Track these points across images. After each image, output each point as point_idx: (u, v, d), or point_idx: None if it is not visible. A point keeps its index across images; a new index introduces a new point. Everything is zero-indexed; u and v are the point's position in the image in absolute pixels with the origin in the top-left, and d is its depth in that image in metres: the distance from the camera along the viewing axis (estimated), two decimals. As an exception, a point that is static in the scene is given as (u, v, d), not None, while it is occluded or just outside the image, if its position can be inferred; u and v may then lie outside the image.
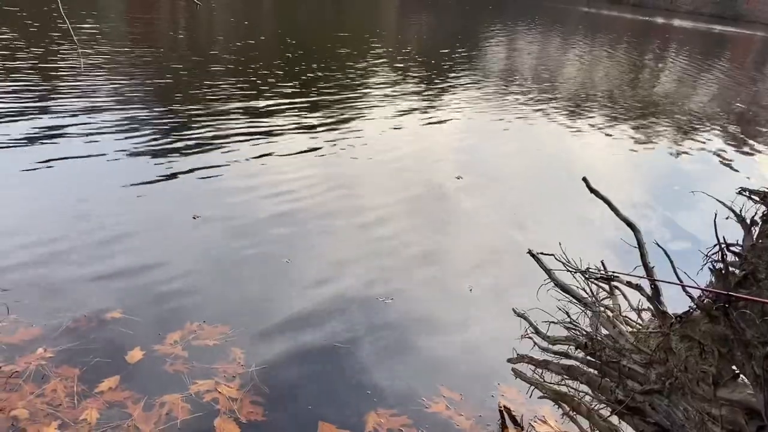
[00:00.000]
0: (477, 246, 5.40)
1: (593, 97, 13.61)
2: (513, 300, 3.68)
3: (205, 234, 4.86)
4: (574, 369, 2.71)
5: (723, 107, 14.84)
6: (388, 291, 4.37)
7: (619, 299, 2.82)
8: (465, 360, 3.80)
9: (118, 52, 11.26)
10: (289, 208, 5.56)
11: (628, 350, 2.42)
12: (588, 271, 2.68)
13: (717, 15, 60.53)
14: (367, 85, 11.49)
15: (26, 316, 3.52)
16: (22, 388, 3.00)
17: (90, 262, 4.23)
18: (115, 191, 5.39)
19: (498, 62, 17.48)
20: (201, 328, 3.65)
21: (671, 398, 2.17)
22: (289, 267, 4.53)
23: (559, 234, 3.88)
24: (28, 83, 8.34)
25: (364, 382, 3.42)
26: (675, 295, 2.38)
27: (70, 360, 3.23)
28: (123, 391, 3.07)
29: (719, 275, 2.01)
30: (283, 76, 11.08)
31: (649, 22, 45.54)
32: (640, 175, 8.43)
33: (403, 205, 6.03)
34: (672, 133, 11.13)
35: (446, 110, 10.31)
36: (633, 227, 2.57)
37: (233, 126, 7.71)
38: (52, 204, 5.06)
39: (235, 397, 3.13)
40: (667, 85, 17.84)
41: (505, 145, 8.96)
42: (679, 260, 2.28)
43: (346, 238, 5.21)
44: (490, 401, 3.42)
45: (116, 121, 7.26)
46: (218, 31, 16.59)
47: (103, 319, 3.61)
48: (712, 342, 2.01)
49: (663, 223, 6.47)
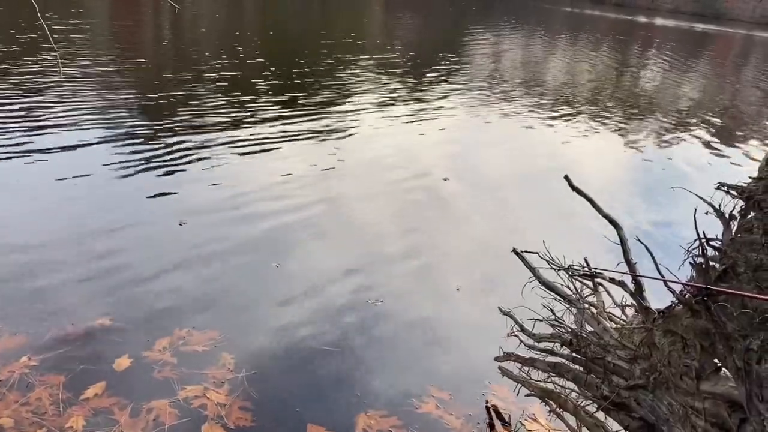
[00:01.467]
0: (463, 246, 5.43)
1: (578, 97, 13.71)
2: (499, 299, 3.70)
3: (193, 241, 4.83)
4: (560, 366, 2.73)
5: (706, 104, 15.01)
6: (377, 293, 4.37)
7: (602, 296, 2.85)
8: (453, 359, 3.81)
9: (102, 58, 11.19)
10: (278, 213, 5.54)
11: (612, 346, 2.44)
12: (571, 269, 2.70)
13: (698, 13, 61.23)
14: (352, 90, 11.49)
15: (10, 325, 3.48)
16: (6, 397, 2.96)
17: (76, 269, 4.19)
18: (101, 199, 5.35)
19: (483, 63, 17.55)
20: (190, 334, 3.63)
21: (655, 393, 2.19)
22: (279, 272, 4.52)
23: (544, 233, 3.91)
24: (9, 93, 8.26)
25: (353, 385, 3.43)
26: (658, 290, 2.40)
27: (55, 368, 3.20)
28: (109, 397, 3.04)
29: (700, 270, 2.03)
30: (268, 83, 11.06)
31: (631, 22, 45.92)
32: (622, 173, 8.51)
33: (390, 207, 6.05)
34: (655, 130, 11.24)
35: (432, 112, 10.33)
36: (615, 224, 2.59)
37: (218, 133, 7.67)
38: (36, 212, 5.02)
39: (224, 402, 3.11)
40: (651, 83, 18.01)
41: (491, 145, 9.00)
42: (661, 256, 2.30)
43: (334, 242, 5.21)
44: (480, 400, 3.44)
45: (102, 128, 7.21)
46: (201, 38, 16.50)
47: (91, 326, 3.58)
48: (694, 336, 2.03)
49: (645, 220, 6.53)
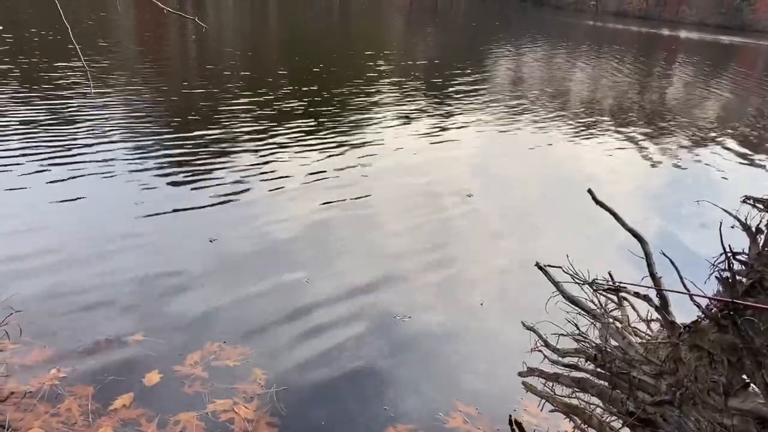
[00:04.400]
0: (487, 261, 5.42)
1: (602, 111, 13.63)
2: (523, 313, 3.68)
3: (223, 256, 4.91)
4: (584, 381, 2.70)
5: (731, 117, 14.80)
6: (404, 309, 4.39)
7: (627, 310, 2.82)
8: (479, 373, 3.80)
9: (129, 74, 11.47)
10: (305, 228, 5.61)
11: (637, 361, 2.42)
12: (595, 283, 2.68)
13: (723, 25, 60.52)
14: (375, 104, 11.58)
15: (39, 338, 3.56)
16: (37, 407, 3.03)
17: (107, 285, 4.28)
18: (130, 216, 5.45)
19: (506, 78, 17.57)
20: (221, 348, 3.68)
21: (682, 409, 2.17)
22: (308, 287, 4.56)
23: (568, 246, 3.89)
24: (41, 106, 8.50)
25: (381, 399, 3.44)
26: (683, 304, 2.38)
27: (84, 379, 3.27)
28: (137, 408, 3.09)
29: (726, 284, 2.02)
30: (290, 97, 11.20)
31: (655, 35, 45.62)
32: (647, 186, 8.41)
33: (415, 222, 6.05)
34: (680, 143, 11.11)
35: (456, 127, 10.35)
36: (639, 238, 2.57)
37: (243, 148, 7.80)
38: (68, 229, 5.15)
39: (252, 418, 3.14)
40: (676, 96, 17.82)
41: (515, 159, 8.99)
42: (686, 270, 2.28)
43: (361, 257, 5.23)
44: (508, 414, 3.42)
45: (128, 144, 7.37)
46: (226, 53, 16.80)
47: (121, 341, 3.65)
48: (721, 351, 2.01)
49: (670, 233, 6.45)
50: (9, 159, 6.40)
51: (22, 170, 6.14)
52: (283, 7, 36.71)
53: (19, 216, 5.22)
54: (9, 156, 6.51)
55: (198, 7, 29.41)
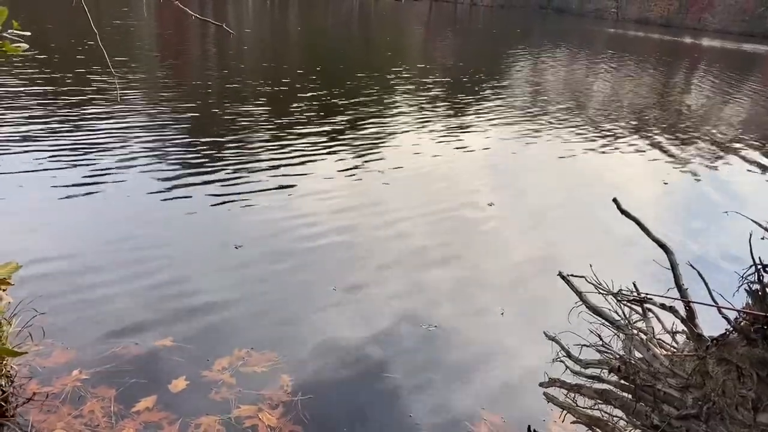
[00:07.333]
0: (508, 269, 5.39)
1: (624, 119, 13.50)
2: (545, 323, 3.66)
3: (249, 262, 4.94)
4: (607, 393, 2.67)
5: (756, 126, 14.58)
6: (429, 318, 4.38)
7: (652, 322, 2.78)
8: (504, 382, 3.78)
9: (152, 80, 11.62)
10: (329, 235, 5.62)
11: (663, 374, 2.38)
12: (620, 293, 2.65)
13: (746, 33, 59.79)
14: (396, 111, 11.59)
15: (62, 339, 3.61)
16: (60, 409, 3.07)
17: (133, 289, 4.33)
18: (156, 222, 5.51)
19: (527, 85, 17.50)
20: (249, 354, 3.70)
21: (709, 424, 2.13)
22: (335, 295, 4.57)
23: (591, 256, 3.85)
24: (65, 115, 8.65)
25: (407, 408, 3.43)
26: (710, 317, 2.34)
27: (107, 381, 3.30)
28: (160, 411, 3.12)
29: (756, 297, 1.99)
30: (309, 103, 11.26)
31: (677, 42, 45.20)
32: (672, 196, 8.31)
33: (436, 231, 6.04)
34: (705, 153, 10.97)
35: (477, 134, 10.33)
36: (665, 248, 2.54)
37: (264, 154, 7.86)
38: (93, 232, 5.21)
39: (275, 425, 3.14)
40: (699, 105, 17.62)
41: (535, 167, 8.94)
42: (714, 282, 2.25)
43: (387, 266, 5.18)
44: (533, 423, 3.39)
45: (151, 151, 7.46)
46: (245, 59, 16.96)
47: (147, 345, 3.68)
48: (750, 365, 1.98)
49: (697, 244, 6.36)
50: (38, 163, 6.52)
51: (49, 174, 6.25)
52: (304, 16, 37.01)
53: (44, 218, 5.31)
54: (38, 159, 6.63)
55: (217, 12, 29.74)
